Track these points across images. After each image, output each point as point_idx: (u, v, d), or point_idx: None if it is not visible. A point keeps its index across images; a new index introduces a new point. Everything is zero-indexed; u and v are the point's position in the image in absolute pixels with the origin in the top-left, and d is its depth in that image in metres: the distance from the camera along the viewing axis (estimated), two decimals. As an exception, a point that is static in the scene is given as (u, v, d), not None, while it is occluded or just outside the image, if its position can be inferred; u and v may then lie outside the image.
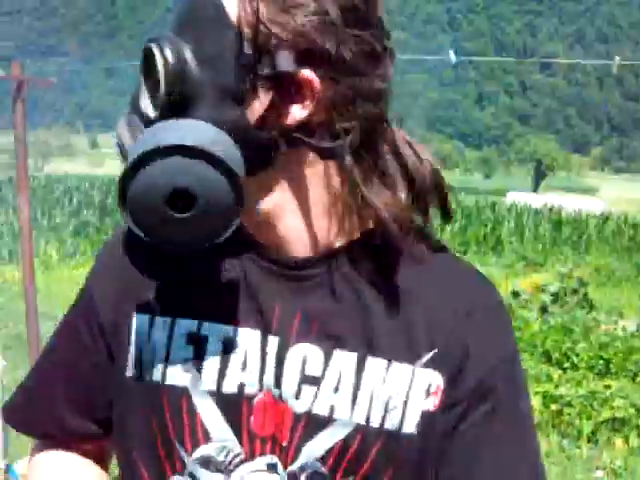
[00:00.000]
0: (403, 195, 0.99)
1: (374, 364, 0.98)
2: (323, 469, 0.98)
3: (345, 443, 0.97)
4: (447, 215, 1.03)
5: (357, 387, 0.97)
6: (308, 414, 0.98)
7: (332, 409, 0.98)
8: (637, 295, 13.34)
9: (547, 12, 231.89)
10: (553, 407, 6.44)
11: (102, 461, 1.19)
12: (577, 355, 8.48)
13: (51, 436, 1.15)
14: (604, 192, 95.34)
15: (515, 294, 11.63)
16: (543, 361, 8.50)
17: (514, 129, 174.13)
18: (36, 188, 21.20)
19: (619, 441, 6.07)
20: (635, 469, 5.68)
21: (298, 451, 0.98)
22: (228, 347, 0.99)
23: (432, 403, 0.98)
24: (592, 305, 11.68)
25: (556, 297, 11.38)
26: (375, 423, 0.97)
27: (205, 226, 0.88)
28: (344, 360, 0.98)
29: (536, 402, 6.43)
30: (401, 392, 0.98)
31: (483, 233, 21.98)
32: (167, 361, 1.01)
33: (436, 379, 0.98)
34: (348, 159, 0.93)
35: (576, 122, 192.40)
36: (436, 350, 0.98)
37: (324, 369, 0.98)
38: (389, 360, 0.98)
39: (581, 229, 23.37)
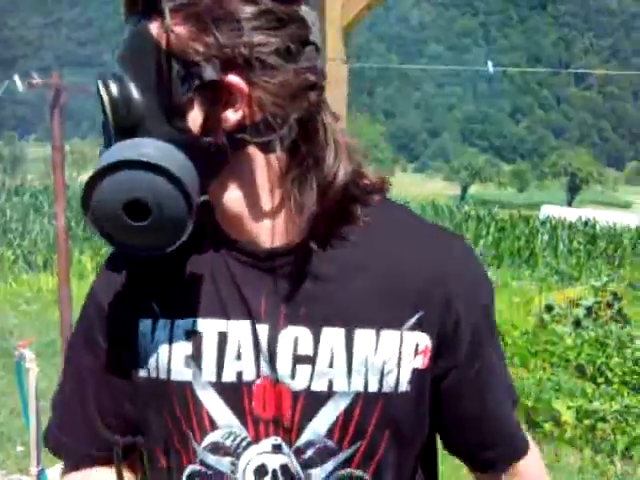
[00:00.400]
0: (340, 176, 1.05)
1: (363, 335, 1.06)
2: (331, 443, 1.07)
3: (347, 413, 1.06)
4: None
5: (350, 359, 1.06)
6: (307, 392, 1.06)
7: (330, 383, 1.06)
8: (672, 310, 13.17)
9: (582, 26, 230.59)
10: (587, 422, 6.37)
11: (133, 470, 1.23)
12: (611, 370, 8.41)
13: (89, 455, 1.18)
14: (639, 206, 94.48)
15: (549, 308, 11.56)
16: (577, 376, 8.43)
17: (548, 142, 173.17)
18: (71, 197, 21.39)
19: (654, 457, 5.99)
20: (670, 486, 5.61)
21: (302, 428, 1.07)
22: (222, 340, 1.08)
23: (421, 362, 1.08)
24: (626, 320, 11.56)
25: (590, 311, 11.30)
26: (373, 388, 1.06)
27: (161, 233, 0.97)
28: (333, 336, 1.06)
29: (569, 417, 6.38)
30: (393, 356, 1.06)
31: (517, 247, 21.85)
32: (170, 359, 1.10)
33: (423, 340, 1.08)
34: (279, 151, 1.03)
35: (610, 136, 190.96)
36: (421, 313, 1.07)
37: (315, 347, 1.06)
38: (377, 329, 1.06)
39: (616, 243, 23.16)
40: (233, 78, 0.98)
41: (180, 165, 0.97)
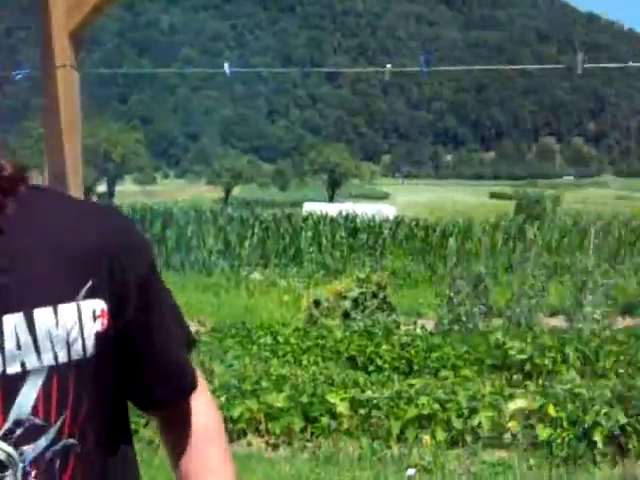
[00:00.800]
0: None
1: (42, 313, 1.13)
2: (38, 420, 1.13)
3: (46, 387, 1.13)
4: None
5: (35, 337, 1.12)
6: (3, 376, 1.11)
7: (23, 363, 1.12)
8: (433, 294, 13.81)
9: (330, 26, 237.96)
10: (362, 411, 6.52)
11: None
12: (381, 357, 8.68)
13: None
14: (395, 197, 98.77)
15: (317, 303, 11.79)
16: (348, 366, 8.64)
17: (306, 141, 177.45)
18: None
19: (427, 437, 6.22)
20: (444, 463, 5.84)
21: (8, 411, 1.12)
22: None
23: (100, 324, 1.17)
24: (392, 307, 12.01)
25: (357, 303, 11.63)
26: (63, 359, 1.14)
27: None
28: (14, 321, 1.12)
29: (344, 408, 6.50)
30: (75, 326, 1.15)
31: (282, 245, 22.21)
32: None
33: (99, 305, 1.17)
34: None
35: (365, 131, 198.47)
36: (92, 282, 1.16)
37: (0, 336, 1.11)
38: (54, 305, 1.13)
39: (376, 235, 24.03)
40: None
41: None
